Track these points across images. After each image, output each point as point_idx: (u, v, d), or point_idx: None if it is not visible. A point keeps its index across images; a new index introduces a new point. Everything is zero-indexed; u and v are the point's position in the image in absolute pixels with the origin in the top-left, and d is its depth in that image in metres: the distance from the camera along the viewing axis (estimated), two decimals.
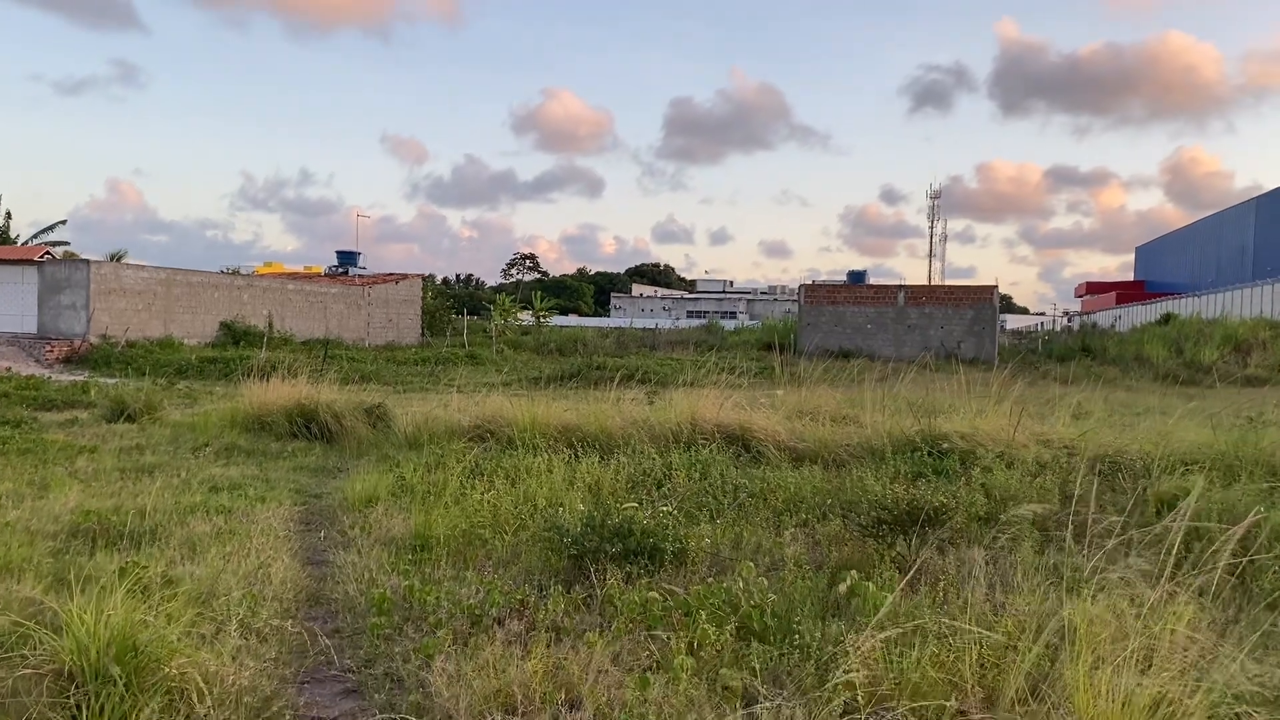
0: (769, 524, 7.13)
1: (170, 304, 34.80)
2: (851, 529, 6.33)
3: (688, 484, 8.03)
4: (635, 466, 8.75)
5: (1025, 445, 9.94)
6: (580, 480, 8.31)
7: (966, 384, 19.60)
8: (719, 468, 8.62)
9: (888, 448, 9.74)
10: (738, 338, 47.51)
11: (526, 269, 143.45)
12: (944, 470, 8.83)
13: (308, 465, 10.94)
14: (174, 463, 10.63)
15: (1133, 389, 27.42)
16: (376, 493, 8.41)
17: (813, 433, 10.66)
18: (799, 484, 8.23)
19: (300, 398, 12.89)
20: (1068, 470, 8.35)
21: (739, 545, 6.41)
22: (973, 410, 11.23)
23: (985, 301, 39.17)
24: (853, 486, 8.26)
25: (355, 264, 55.58)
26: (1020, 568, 5.71)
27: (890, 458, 9.30)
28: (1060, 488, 7.64)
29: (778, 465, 9.92)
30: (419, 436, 12.03)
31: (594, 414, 11.31)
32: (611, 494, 8.03)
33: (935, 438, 9.78)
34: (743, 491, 7.70)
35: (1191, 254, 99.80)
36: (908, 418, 11.34)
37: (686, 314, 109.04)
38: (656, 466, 8.69)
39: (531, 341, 45.22)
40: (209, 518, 7.82)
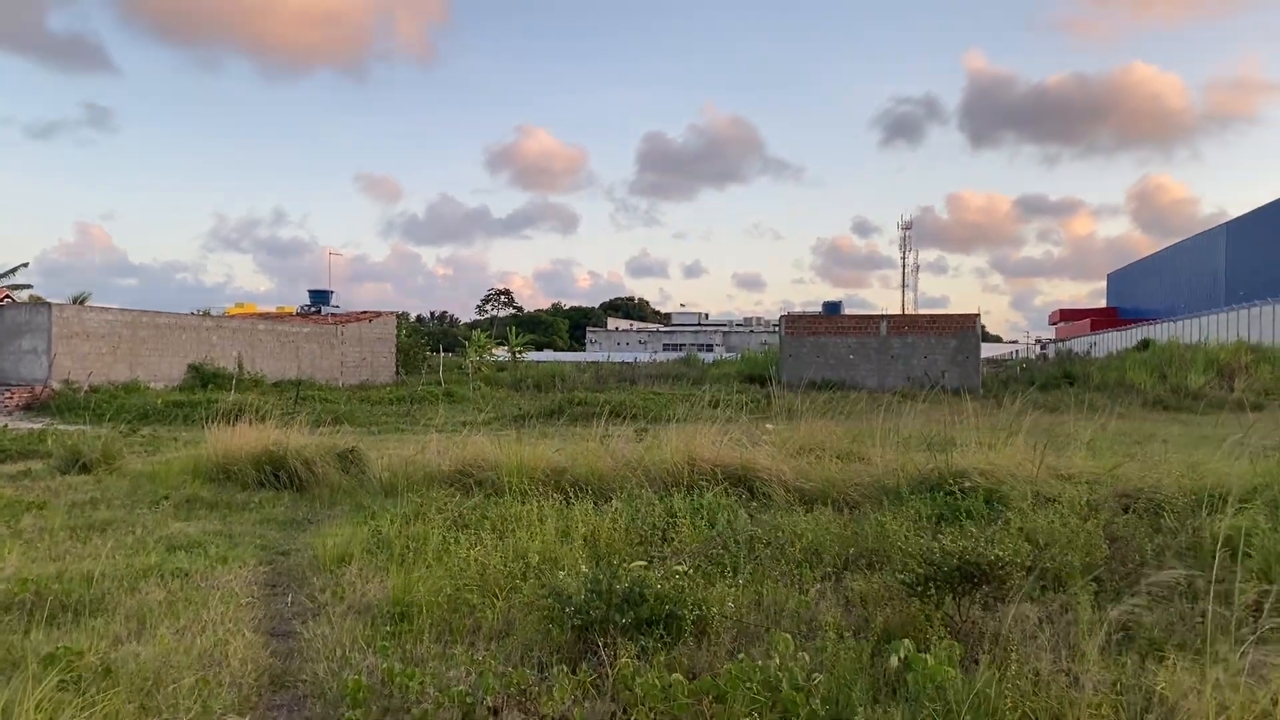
0: (789, 578, 6.41)
1: (136, 347, 33.79)
2: (890, 585, 5.62)
3: (694, 533, 7.31)
4: (633, 513, 8.02)
5: (1046, 481, 9.31)
6: (575, 531, 7.57)
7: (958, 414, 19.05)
8: (726, 514, 7.90)
9: (902, 487, 9.06)
10: (718, 370, 46.91)
11: (501, 305, 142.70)
12: (968, 512, 8.16)
13: (275, 517, 10.13)
14: (129, 518, 9.79)
15: (1123, 416, 26.87)
16: (350, 549, 7.64)
17: (819, 471, 9.98)
18: (815, 531, 7.52)
19: (268, 443, 12.08)
20: (1102, 510, 7.69)
21: (760, 606, 5.68)
22: (984, 444, 10.60)
23: (968, 330, 38.78)
24: (873, 533, 7.57)
25: (328, 303, 54.58)
26: (1082, 626, 5.02)
27: (907, 498, 8.62)
28: (1104, 530, 6.98)
29: (785, 508, 9.23)
30: (396, 483, 11.25)
31: (584, 455, 10.59)
32: (609, 546, 7.31)
33: (954, 475, 9.12)
34: (757, 542, 6.98)
35: (1163, 280, 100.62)
36: (917, 453, 10.70)
37: (663, 347, 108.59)
38: (657, 513, 7.97)
39: (508, 378, 44.40)
40: (163, 583, 7.02)
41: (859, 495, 9.48)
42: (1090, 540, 6.56)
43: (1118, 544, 6.68)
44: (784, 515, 8.17)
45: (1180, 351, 46.48)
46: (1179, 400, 31.50)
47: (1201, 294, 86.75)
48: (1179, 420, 26.17)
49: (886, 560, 7.21)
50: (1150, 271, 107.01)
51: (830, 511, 8.88)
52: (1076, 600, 5.41)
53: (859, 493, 9.52)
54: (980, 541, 5.09)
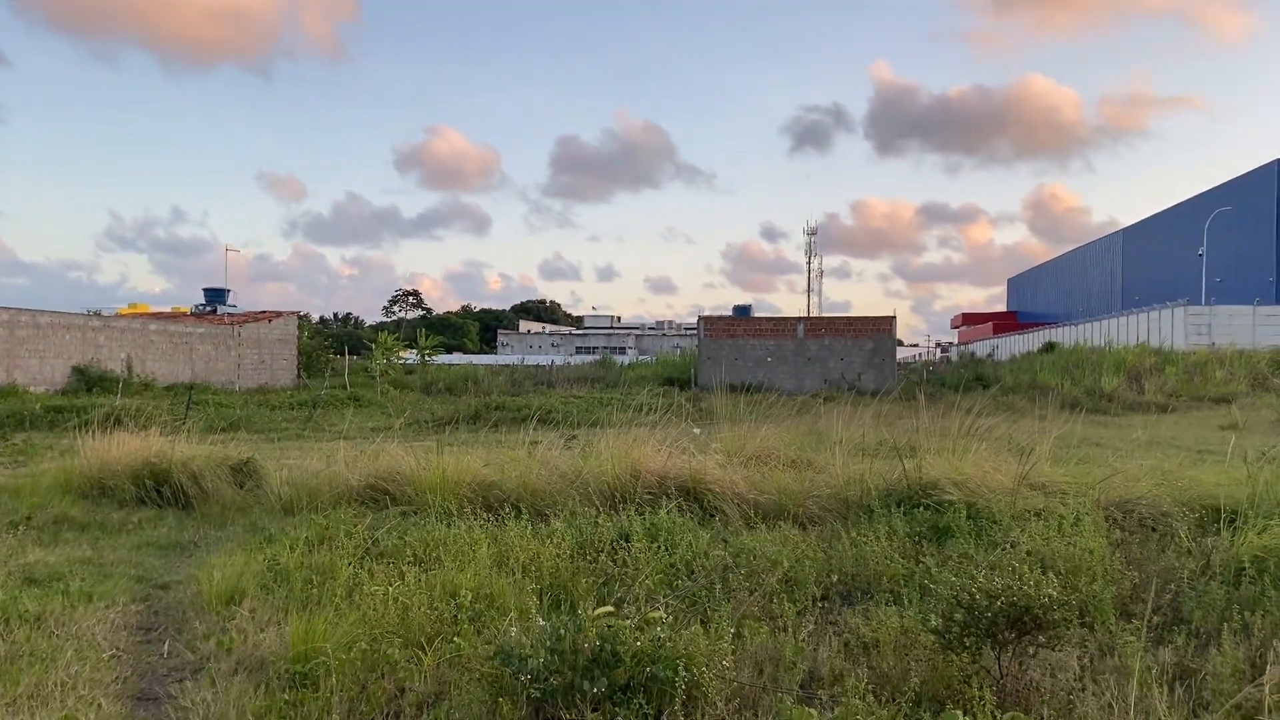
0: (771, 615, 5.45)
1: (14, 347, 31.34)
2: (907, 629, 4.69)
3: (651, 558, 6.30)
4: (579, 536, 6.97)
5: (1021, 493, 8.57)
6: (513, 558, 6.50)
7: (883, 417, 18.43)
8: (685, 535, 6.90)
9: (871, 500, 8.20)
10: (634, 373, 46.02)
11: (410, 306, 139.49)
12: (949, 529, 7.33)
13: (157, 540, 8.79)
14: None
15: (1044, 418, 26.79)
16: (241, 583, 6.42)
17: (773, 482, 9.07)
18: (779, 553, 6.58)
19: (150, 454, 10.67)
20: (1095, 527, 6.92)
21: (746, 653, 4.70)
22: (939, 451, 9.84)
23: (884, 333, 38.63)
24: (851, 555, 6.68)
25: (224, 302, 52.03)
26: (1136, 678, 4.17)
27: (878, 512, 7.75)
28: (1116, 552, 6.19)
29: (741, 525, 8.30)
30: (298, 500, 9.98)
31: (512, 466, 9.50)
32: (554, 576, 6.25)
33: (924, 487, 8.30)
34: (730, 571, 6.00)
35: (1062, 285, 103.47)
36: (874, 461, 9.89)
37: (575, 350, 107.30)
38: (605, 534, 6.93)
39: (418, 381, 42.75)
40: (6, 631, 5.73)
41: (818, 508, 8.60)
42: (1110, 566, 5.75)
43: (1133, 568, 5.89)
44: (749, 536, 7.21)
45: (1086, 354, 47.31)
46: (1094, 402, 31.68)
47: (1099, 298, 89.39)
48: (1100, 423, 26.13)
49: (869, 587, 6.33)
50: (1049, 276, 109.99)
51: (792, 528, 7.97)
52: (1121, 642, 4.56)
53: (818, 505, 8.64)
54: (1019, 579, 4.19)
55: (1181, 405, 32.64)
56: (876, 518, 7.63)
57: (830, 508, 8.56)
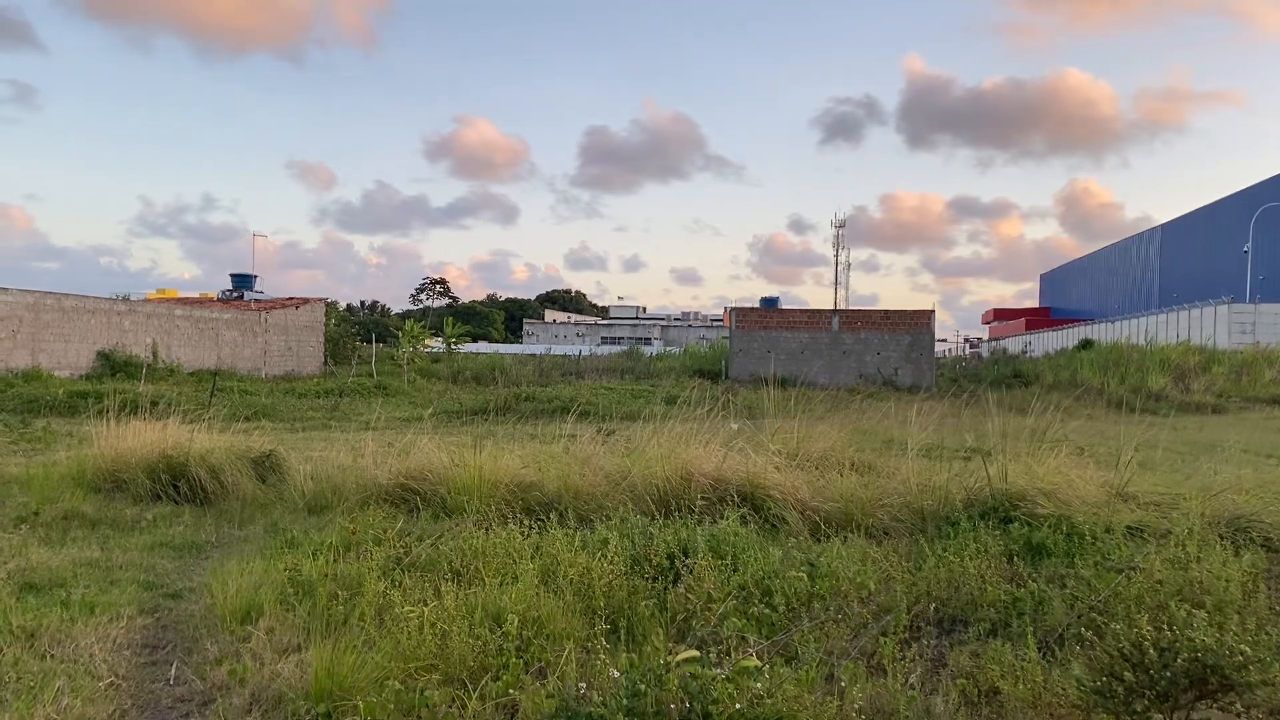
0: (867, 653, 4.72)
1: (39, 331, 30.99)
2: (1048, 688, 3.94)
3: (717, 578, 5.57)
4: (630, 546, 6.25)
5: (1111, 504, 7.79)
6: (560, 574, 5.79)
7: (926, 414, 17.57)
8: (751, 549, 6.16)
9: (955, 511, 7.43)
10: (662, 364, 45.25)
11: (437, 294, 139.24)
12: (1043, 547, 6.56)
13: (171, 540, 8.15)
14: None
15: (1094, 418, 25.89)
16: (259, 597, 5.75)
17: (836, 487, 8.32)
18: (862, 574, 5.83)
19: (167, 446, 10.04)
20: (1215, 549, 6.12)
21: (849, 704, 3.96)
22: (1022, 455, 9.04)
23: (923, 327, 37.67)
24: (943, 577, 5.92)
25: (251, 288, 51.59)
26: None
27: (963, 526, 6.99)
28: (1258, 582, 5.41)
29: (805, 535, 7.56)
30: (322, 497, 9.34)
31: (552, 465, 8.79)
32: (608, 596, 5.54)
33: (1011, 497, 7.52)
34: (812, 596, 5.25)
35: (1096, 281, 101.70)
36: (938, 464, 9.13)
37: (601, 340, 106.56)
38: (660, 545, 6.20)
39: (445, 370, 42.22)
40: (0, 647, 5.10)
41: (890, 519, 7.84)
42: (1254, 601, 4.97)
43: None
44: (822, 550, 6.45)
45: (1126, 352, 46.10)
46: (1142, 402, 30.63)
47: (1136, 295, 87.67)
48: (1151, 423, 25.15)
49: (964, 614, 5.57)
50: (1083, 272, 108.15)
51: (863, 541, 7.23)
52: None
53: (889, 515, 7.88)
54: (1215, 634, 3.43)
55: (1233, 406, 31.58)
56: (961, 532, 6.87)
57: (903, 518, 7.81)
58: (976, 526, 6.97)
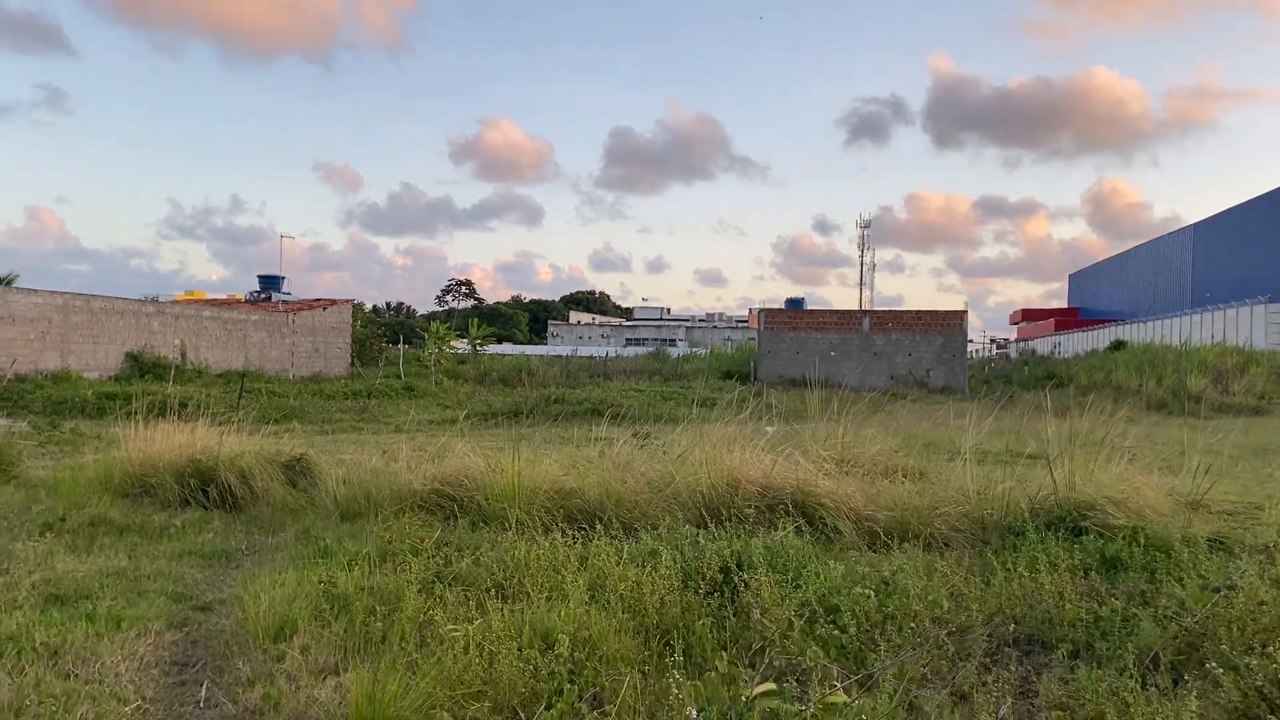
0: (939, 673, 4.37)
1: (68, 333, 31.03)
2: None
3: (776, 595, 5.23)
4: (680, 558, 5.92)
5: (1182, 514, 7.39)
6: (610, 587, 5.47)
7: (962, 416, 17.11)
8: (810, 562, 5.82)
9: (1023, 520, 7.05)
10: (689, 365, 44.89)
11: (462, 296, 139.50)
12: (1119, 561, 6.18)
13: (200, 548, 7.90)
14: (7, 550, 7.52)
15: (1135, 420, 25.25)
16: (292, 612, 5.46)
17: (889, 495, 7.96)
18: (931, 590, 5.48)
19: (196, 450, 9.81)
20: None
21: None
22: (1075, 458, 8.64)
23: (955, 328, 37.13)
24: (1011, 593, 5.56)
25: (279, 289, 51.69)
26: None
27: (1030, 538, 6.61)
28: None
29: (860, 546, 7.21)
30: (355, 503, 9.08)
31: (593, 471, 8.48)
32: (662, 613, 5.22)
33: (1078, 506, 7.14)
34: (889, 620, 4.90)
35: (1126, 281, 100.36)
36: (994, 469, 8.75)
37: (625, 342, 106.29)
38: (713, 558, 5.87)
39: (471, 371, 42.08)
40: (21, 666, 4.83)
41: (948, 528, 7.47)
42: None
43: None
44: (886, 563, 6.08)
45: (1161, 353, 45.34)
46: (1181, 404, 30.02)
47: (1167, 295, 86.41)
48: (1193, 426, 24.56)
49: (1041, 635, 5.21)
50: (1112, 273, 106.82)
51: (922, 553, 6.86)
52: None
53: (947, 525, 7.51)
54: None
55: (1274, 408, 30.89)
56: (1029, 544, 6.49)
57: (962, 528, 7.44)
58: (1045, 538, 6.59)
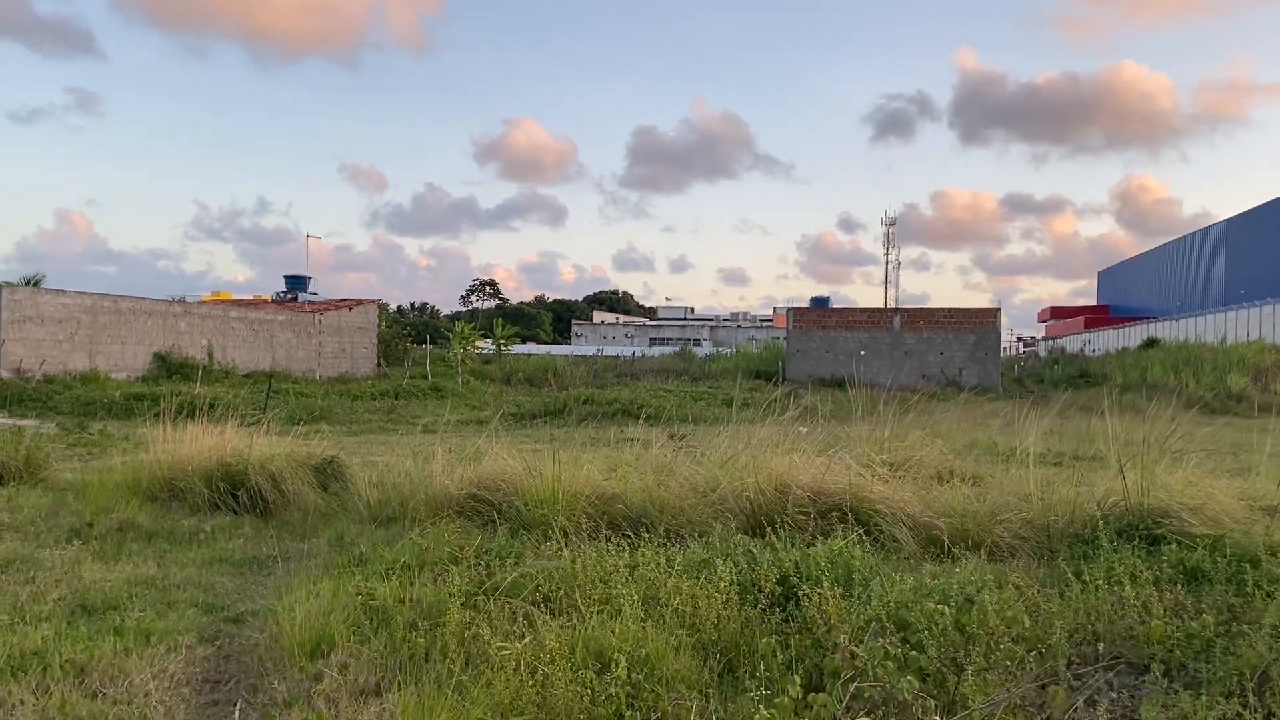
0: (1030, 702, 4.03)
1: (96, 333, 31.08)
2: None
3: (843, 611, 4.90)
4: (735, 569, 5.59)
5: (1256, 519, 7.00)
6: (664, 601, 5.16)
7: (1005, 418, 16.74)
8: (876, 575, 5.49)
9: (1097, 529, 6.69)
10: (716, 365, 44.53)
11: (486, 296, 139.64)
12: (1201, 572, 5.81)
13: (231, 555, 7.66)
14: (33, 558, 7.30)
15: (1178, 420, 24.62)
16: (329, 626, 5.18)
17: (946, 500, 7.60)
18: (1008, 605, 5.12)
19: (225, 453, 9.58)
20: None
21: None
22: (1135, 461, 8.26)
23: (988, 326, 36.58)
24: (1089, 606, 5.21)
25: (305, 289, 51.70)
26: None
27: (1104, 547, 6.25)
28: None
29: (918, 555, 6.88)
30: (389, 506, 8.82)
31: (634, 476, 8.17)
32: (720, 630, 4.91)
33: (1151, 512, 6.76)
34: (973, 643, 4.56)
35: (1157, 278, 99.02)
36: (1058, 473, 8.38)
37: (650, 341, 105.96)
38: (769, 570, 5.54)
39: (497, 371, 41.91)
40: (47, 685, 4.58)
41: (1011, 536, 7.12)
42: None
43: None
44: (955, 575, 5.73)
45: (1196, 351, 44.58)
46: (1223, 403, 29.40)
47: (1199, 292, 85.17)
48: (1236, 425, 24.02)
49: (1124, 652, 4.86)
50: (1143, 269, 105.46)
51: (985, 562, 6.52)
52: None
53: (1010, 532, 7.16)
54: None
55: None
56: (1102, 553, 6.13)
57: (1026, 536, 7.08)
58: (1118, 547, 6.23)
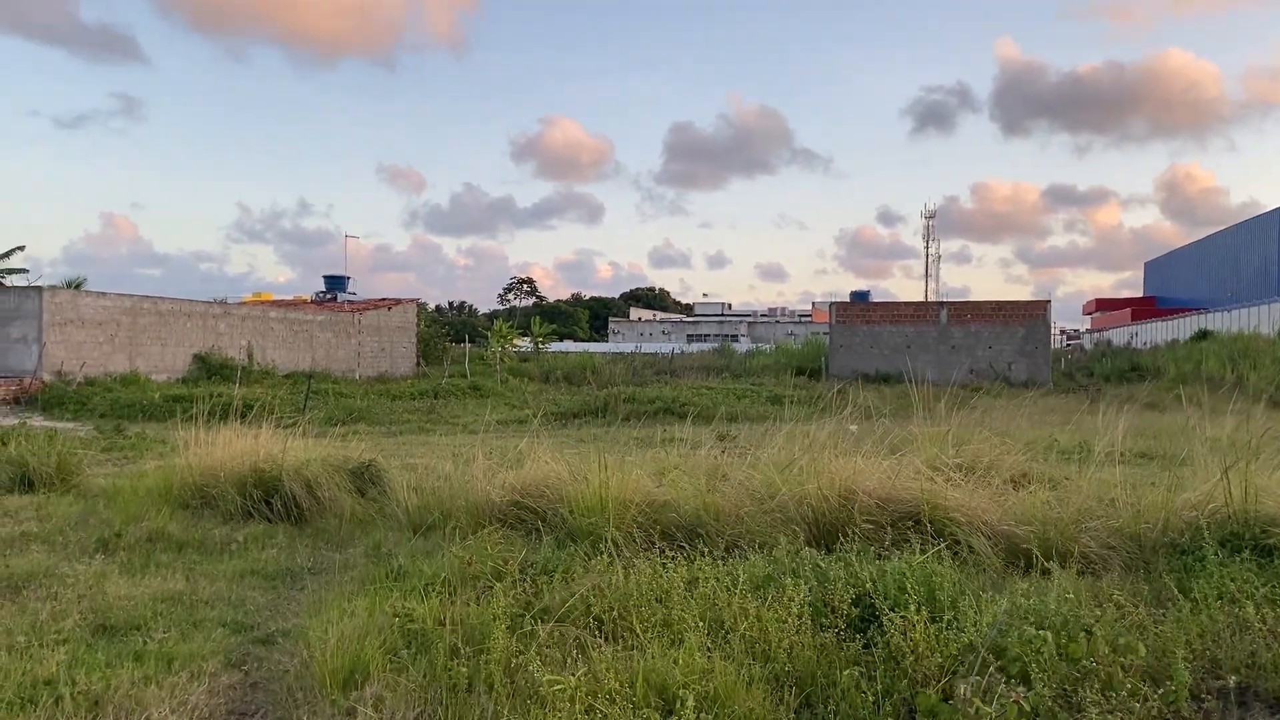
0: None
1: (136, 335, 31.09)
2: None
3: (932, 639, 4.38)
4: (805, 588, 5.08)
5: None
6: (728, 624, 4.67)
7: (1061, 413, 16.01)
8: (965, 594, 4.96)
9: (1201, 536, 6.10)
10: (757, 362, 43.87)
11: (524, 294, 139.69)
12: None
13: (263, 567, 7.27)
14: (57, 571, 6.96)
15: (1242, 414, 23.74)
16: (364, 654, 4.74)
17: (1023, 506, 7.04)
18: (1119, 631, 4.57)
19: (259, 459, 9.21)
20: None
21: None
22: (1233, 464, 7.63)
23: (1038, 319, 35.66)
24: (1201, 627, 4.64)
25: (344, 289, 51.66)
26: None
27: (1209, 560, 5.67)
28: None
29: (997, 568, 6.33)
30: (428, 513, 8.39)
31: (686, 481, 7.67)
32: (793, 657, 4.41)
33: (1260, 521, 6.16)
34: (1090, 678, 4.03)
35: (1208, 268, 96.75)
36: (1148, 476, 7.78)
37: (687, 338, 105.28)
38: (843, 589, 5.03)
39: (535, 369, 41.60)
40: (56, 719, 4.19)
41: (1099, 546, 6.54)
42: None
43: None
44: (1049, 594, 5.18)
45: (1253, 342, 43.27)
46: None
47: (1253, 282, 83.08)
48: None
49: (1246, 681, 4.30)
50: (1191, 260, 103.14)
51: (1073, 576, 5.95)
52: None
53: (1097, 542, 6.58)
54: None
55: None
56: (1208, 567, 5.55)
57: (1114, 545, 6.50)
58: (1225, 560, 5.65)
